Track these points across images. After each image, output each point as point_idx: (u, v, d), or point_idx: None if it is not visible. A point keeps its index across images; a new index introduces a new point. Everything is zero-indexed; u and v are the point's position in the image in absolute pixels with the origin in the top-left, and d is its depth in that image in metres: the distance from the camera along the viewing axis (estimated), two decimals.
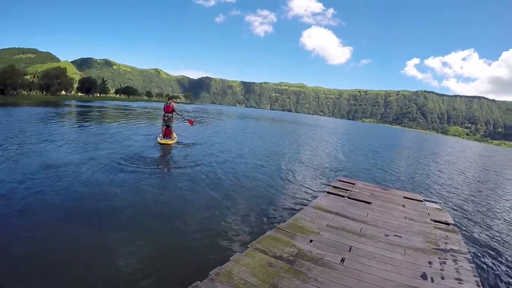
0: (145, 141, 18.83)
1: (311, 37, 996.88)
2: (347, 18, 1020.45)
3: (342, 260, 5.45)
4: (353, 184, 11.77)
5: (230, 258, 5.19)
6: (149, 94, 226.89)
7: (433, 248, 6.36)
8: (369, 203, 9.24)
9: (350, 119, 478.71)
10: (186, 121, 22.53)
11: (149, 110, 60.38)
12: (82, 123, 28.15)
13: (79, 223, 7.08)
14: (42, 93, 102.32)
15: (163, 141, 18.04)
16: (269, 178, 12.33)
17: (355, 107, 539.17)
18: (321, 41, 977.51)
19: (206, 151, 16.84)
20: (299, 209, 8.38)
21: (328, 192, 9.98)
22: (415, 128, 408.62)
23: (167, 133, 18.63)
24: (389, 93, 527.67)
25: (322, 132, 46.50)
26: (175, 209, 8.02)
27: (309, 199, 9.89)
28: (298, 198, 10.02)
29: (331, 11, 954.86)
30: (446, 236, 7.19)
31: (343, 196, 9.63)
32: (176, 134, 20.01)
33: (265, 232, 6.32)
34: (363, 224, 7.29)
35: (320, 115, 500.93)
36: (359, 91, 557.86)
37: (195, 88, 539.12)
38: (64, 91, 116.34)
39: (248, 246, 5.67)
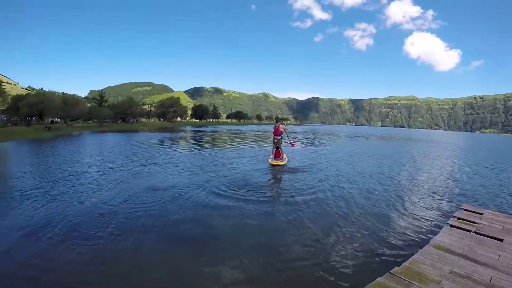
0: (251, 164, 18.81)
1: (414, 44, 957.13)
2: (449, 18, 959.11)
3: None
4: (481, 214, 10.04)
5: None
6: (259, 117, 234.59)
7: None
8: (500, 240, 7.71)
9: (467, 131, 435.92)
10: (289, 142, 23.07)
11: (257, 133, 61.51)
12: (193, 147, 29.50)
13: (176, 246, 7.06)
14: (159, 120, 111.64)
15: (274, 162, 18.73)
16: (380, 207, 11.07)
17: (472, 116, 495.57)
18: (425, 47, 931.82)
19: (312, 176, 16.01)
20: (416, 248, 7.22)
21: (452, 226, 8.54)
22: None
23: (277, 155, 19.41)
24: (508, 97, 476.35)
25: (437, 149, 42.44)
26: (274, 242, 7.36)
27: (429, 234, 8.52)
28: (415, 233, 8.58)
29: (430, 13, 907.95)
30: None
31: (469, 231, 8.17)
32: (286, 156, 20.55)
33: (375, 278, 5.38)
34: (494, 271, 5.87)
35: (435, 128, 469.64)
36: (475, 98, 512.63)
37: (303, 109, 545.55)
38: (179, 117, 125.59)
39: None
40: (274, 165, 18.53)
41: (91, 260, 6.16)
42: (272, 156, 19.78)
